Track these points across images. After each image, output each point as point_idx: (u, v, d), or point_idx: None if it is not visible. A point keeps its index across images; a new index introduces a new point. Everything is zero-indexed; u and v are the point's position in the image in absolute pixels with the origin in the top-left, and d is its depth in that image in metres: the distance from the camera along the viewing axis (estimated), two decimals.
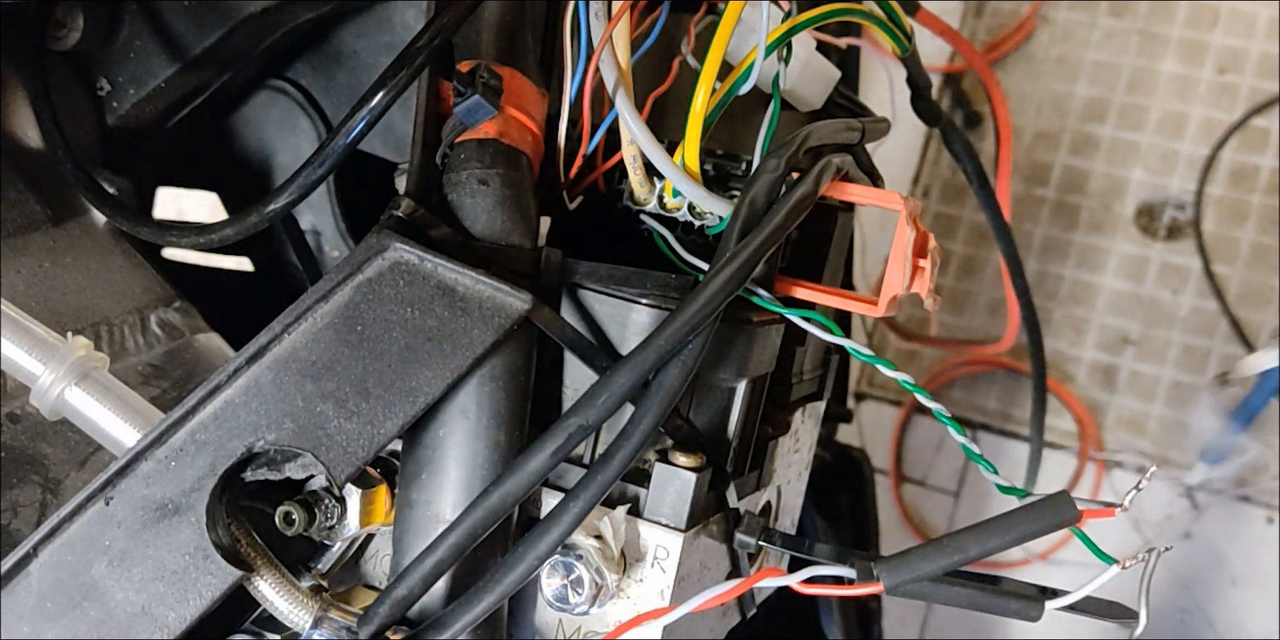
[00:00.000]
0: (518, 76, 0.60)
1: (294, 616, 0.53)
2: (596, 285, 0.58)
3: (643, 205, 0.65)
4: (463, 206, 0.57)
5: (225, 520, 0.53)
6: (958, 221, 1.75)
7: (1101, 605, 0.53)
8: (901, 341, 1.75)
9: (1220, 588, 1.59)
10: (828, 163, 0.58)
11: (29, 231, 0.71)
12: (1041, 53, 1.75)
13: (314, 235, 0.87)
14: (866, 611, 1.06)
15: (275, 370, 0.53)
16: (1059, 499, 0.51)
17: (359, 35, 0.80)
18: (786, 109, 0.72)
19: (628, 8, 0.59)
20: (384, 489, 0.58)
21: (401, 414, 0.53)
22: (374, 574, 0.63)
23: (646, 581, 0.57)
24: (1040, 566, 1.64)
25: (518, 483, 0.52)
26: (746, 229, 0.55)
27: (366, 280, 0.54)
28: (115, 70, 0.76)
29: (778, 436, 0.67)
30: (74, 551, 0.52)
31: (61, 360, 0.53)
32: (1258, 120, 1.65)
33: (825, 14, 0.62)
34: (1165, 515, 1.61)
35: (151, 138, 0.81)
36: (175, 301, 0.76)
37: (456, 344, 0.53)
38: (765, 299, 0.59)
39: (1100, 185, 1.70)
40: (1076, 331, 1.68)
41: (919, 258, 0.58)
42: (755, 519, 0.62)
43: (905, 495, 1.74)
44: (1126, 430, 1.65)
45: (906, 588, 0.52)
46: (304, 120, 0.85)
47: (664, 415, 0.52)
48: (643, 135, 0.59)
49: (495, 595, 0.51)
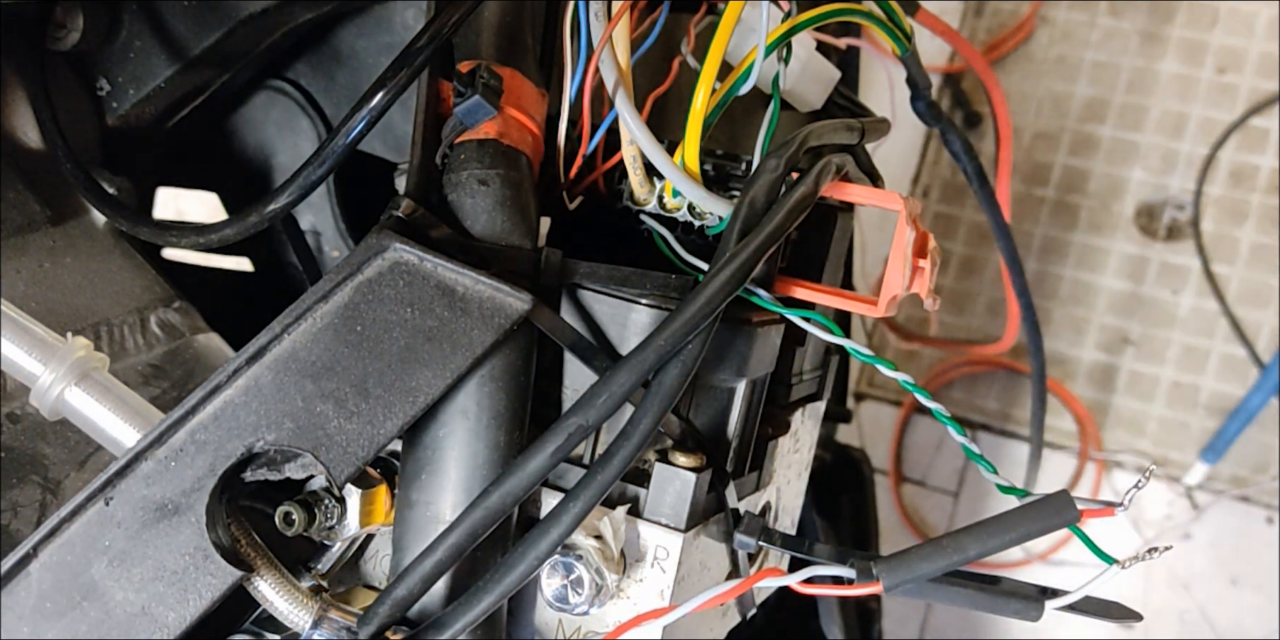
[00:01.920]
0: (518, 77, 0.60)
1: (294, 616, 0.53)
2: (596, 285, 0.58)
3: (643, 205, 0.65)
4: (463, 207, 0.57)
5: (225, 520, 0.53)
6: (958, 221, 1.75)
7: (1101, 605, 0.53)
8: (901, 341, 1.75)
9: (1220, 588, 1.59)
10: (827, 163, 0.58)
11: (29, 231, 0.71)
12: (1041, 53, 1.75)
13: (314, 235, 0.87)
14: (866, 611, 1.06)
15: (275, 370, 0.53)
16: (1059, 499, 0.51)
17: (359, 35, 0.80)
18: (786, 109, 0.72)
19: (628, 8, 0.59)
20: (384, 489, 0.58)
21: (401, 414, 0.53)
22: (374, 574, 0.63)
23: (646, 581, 0.57)
24: (1040, 566, 1.64)
25: (518, 483, 0.52)
26: (746, 229, 0.55)
27: (366, 280, 0.54)
28: (115, 70, 0.76)
29: (778, 436, 0.67)
30: (74, 551, 0.52)
31: (61, 360, 0.53)
32: (1257, 120, 1.65)
33: (825, 14, 0.62)
34: (1165, 515, 1.61)
35: (151, 138, 0.81)
36: (175, 301, 0.76)
37: (456, 344, 0.53)
38: (765, 299, 0.59)
39: (1100, 185, 1.70)
40: (1076, 331, 1.68)
41: (919, 258, 0.58)
42: (755, 519, 0.62)
43: (905, 495, 1.74)
44: (1126, 430, 1.65)
45: (906, 588, 0.52)
46: (304, 120, 0.85)
47: (664, 415, 0.52)
48: (643, 135, 0.59)
49: (495, 595, 0.51)
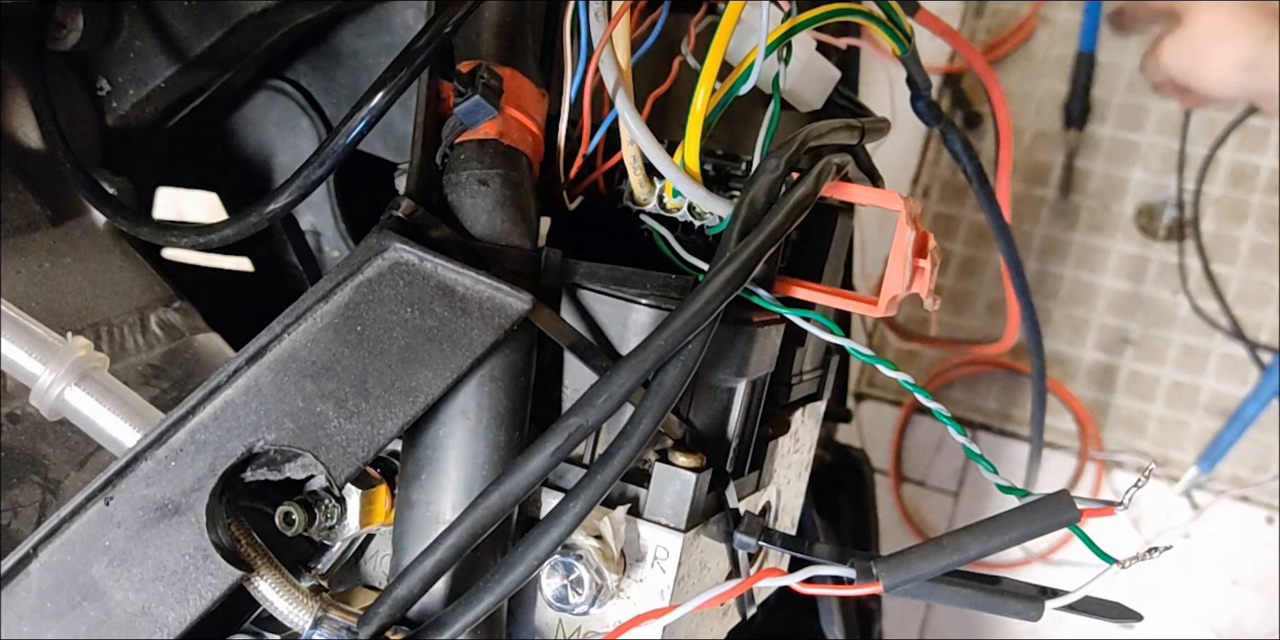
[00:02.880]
0: (518, 77, 0.60)
1: (294, 616, 0.53)
2: (596, 285, 0.58)
3: (643, 205, 0.65)
4: (463, 207, 0.57)
5: (225, 520, 0.53)
6: (958, 221, 1.75)
7: (1101, 605, 0.53)
8: (901, 341, 1.75)
9: (1220, 588, 1.59)
10: (828, 163, 0.58)
11: (29, 231, 0.71)
12: (1041, 53, 1.75)
13: (314, 235, 0.87)
14: (866, 611, 1.06)
15: (275, 370, 0.53)
16: (1059, 498, 0.51)
17: (359, 35, 0.80)
18: (786, 109, 0.72)
19: (628, 8, 0.59)
20: (384, 489, 0.58)
21: (401, 414, 0.53)
22: (374, 574, 0.63)
23: (646, 581, 0.57)
24: (1040, 566, 1.64)
25: (518, 483, 0.52)
26: (746, 229, 0.55)
27: (366, 280, 0.54)
28: (115, 70, 0.76)
29: (778, 437, 0.67)
30: (74, 551, 0.52)
31: (61, 360, 0.53)
32: (1257, 120, 1.64)
33: (825, 14, 0.62)
34: (1165, 515, 1.61)
35: (151, 138, 0.81)
36: (175, 301, 0.76)
37: (456, 344, 0.53)
38: (765, 299, 0.59)
39: (1100, 185, 1.70)
40: (1076, 331, 1.68)
41: (919, 258, 0.58)
42: (755, 519, 0.62)
43: (905, 495, 1.74)
44: (1126, 430, 1.65)
45: (906, 588, 0.52)
46: (304, 120, 0.85)
47: (664, 415, 0.52)
48: (643, 135, 0.59)
49: (495, 595, 0.51)
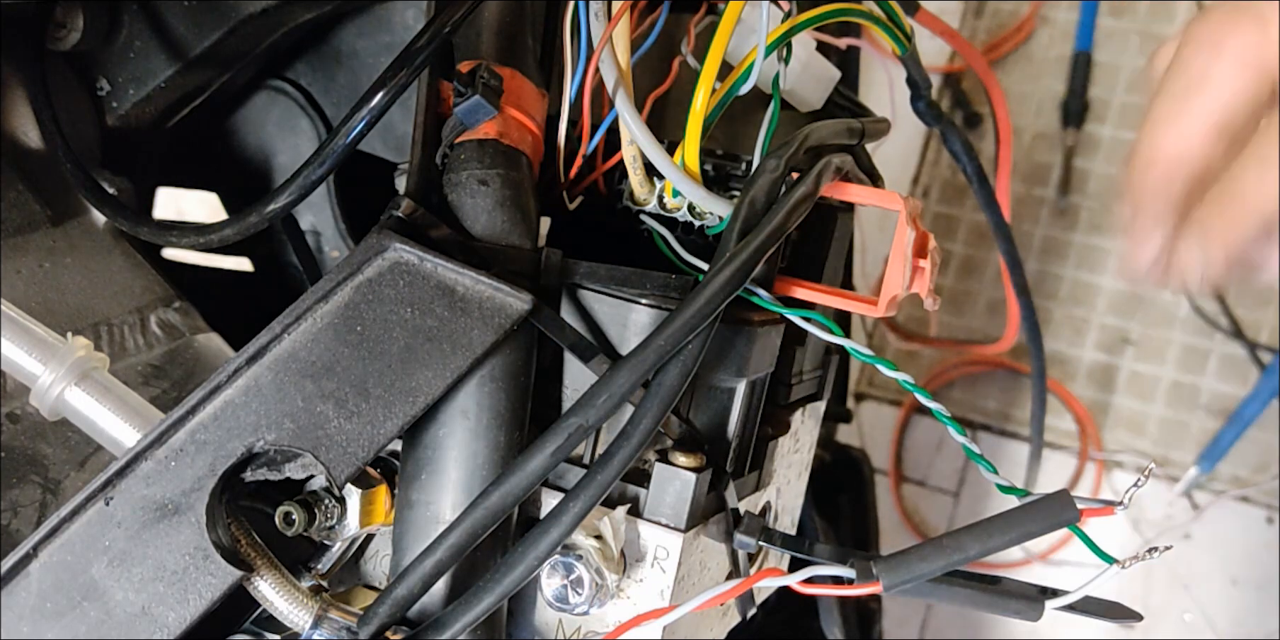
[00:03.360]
0: (518, 77, 0.60)
1: (294, 616, 0.53)
2: (596, 285, 0.58)
3: (643, 205, 0.65)
4: (463, 207, 0.57)
5: (225, 520, 0.53)
6: (958, 221, 1.75)
7: (1101, 605, 0.53)
8: (901, 341, 1.75)
9: (1220, 588, 1.58)
10: (828, 163, 0.58)
11: (29, 231, 0.71)
12: (1041, 53, 1.75)
13: (314, 235, 0.87)
14: (866, 611, 1.06)
15: (275, 370, 0.53)
16: (1059, 498, 0.51)
17: (359, 35, 0.80)
18: (786, 109, 0.72)
19: (628, 8, 0.59)
20: (384, 489, 0.58)
21: (401, 414, 0.53)
22: (374, 574, 0.63)
23: (646, 581, 0.57)
24: (1040, 566, 1.64)
25: (518, 483, 0.51)
26: (746, 229, 0.55)
27: (366, 280, 0.54)
28: (115, 70, 0.76)
29: (778, 437, 0.67)
30: (74, 551, 0.52)
31: (61, 360, 0.53)
32: None
33: (825, 14, 0.62)
34: (1165, 515, 1.61)
35: (151, 138, 0.81)
36: (175, 301, 0.76)
37: (456, 344, 0.53)
38: (765, 299, 0.59)
39: (1100, 185, 1.70)
40: (1076, 331, 1.68)
41: (919, 258, 0.58)
42: (755, 519, 0.62)
43: (905, 495, 1.74)
44: (1126, 430, 1.65)
45: (906, 587, 0.52)
46: (304, 120, 0.85)
47: (664, 415, 0.52)
48: (643, 135, 0.59)
49: (495, 595, 0.51)
